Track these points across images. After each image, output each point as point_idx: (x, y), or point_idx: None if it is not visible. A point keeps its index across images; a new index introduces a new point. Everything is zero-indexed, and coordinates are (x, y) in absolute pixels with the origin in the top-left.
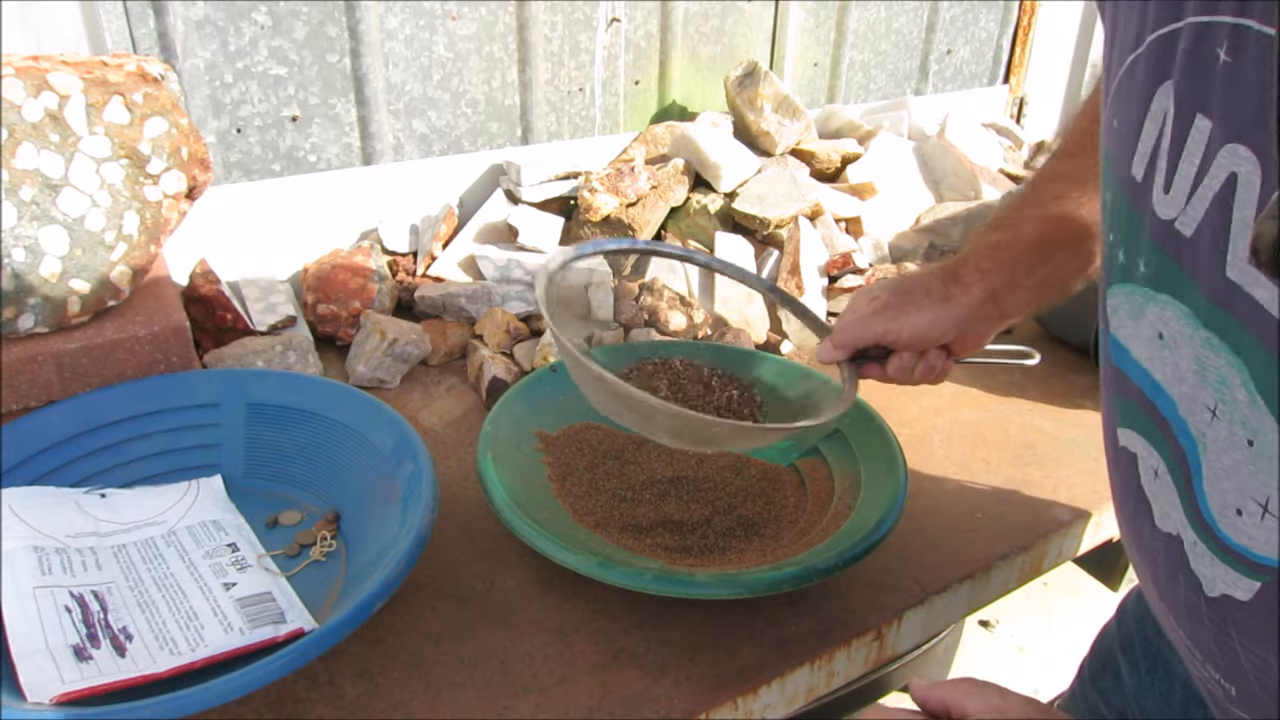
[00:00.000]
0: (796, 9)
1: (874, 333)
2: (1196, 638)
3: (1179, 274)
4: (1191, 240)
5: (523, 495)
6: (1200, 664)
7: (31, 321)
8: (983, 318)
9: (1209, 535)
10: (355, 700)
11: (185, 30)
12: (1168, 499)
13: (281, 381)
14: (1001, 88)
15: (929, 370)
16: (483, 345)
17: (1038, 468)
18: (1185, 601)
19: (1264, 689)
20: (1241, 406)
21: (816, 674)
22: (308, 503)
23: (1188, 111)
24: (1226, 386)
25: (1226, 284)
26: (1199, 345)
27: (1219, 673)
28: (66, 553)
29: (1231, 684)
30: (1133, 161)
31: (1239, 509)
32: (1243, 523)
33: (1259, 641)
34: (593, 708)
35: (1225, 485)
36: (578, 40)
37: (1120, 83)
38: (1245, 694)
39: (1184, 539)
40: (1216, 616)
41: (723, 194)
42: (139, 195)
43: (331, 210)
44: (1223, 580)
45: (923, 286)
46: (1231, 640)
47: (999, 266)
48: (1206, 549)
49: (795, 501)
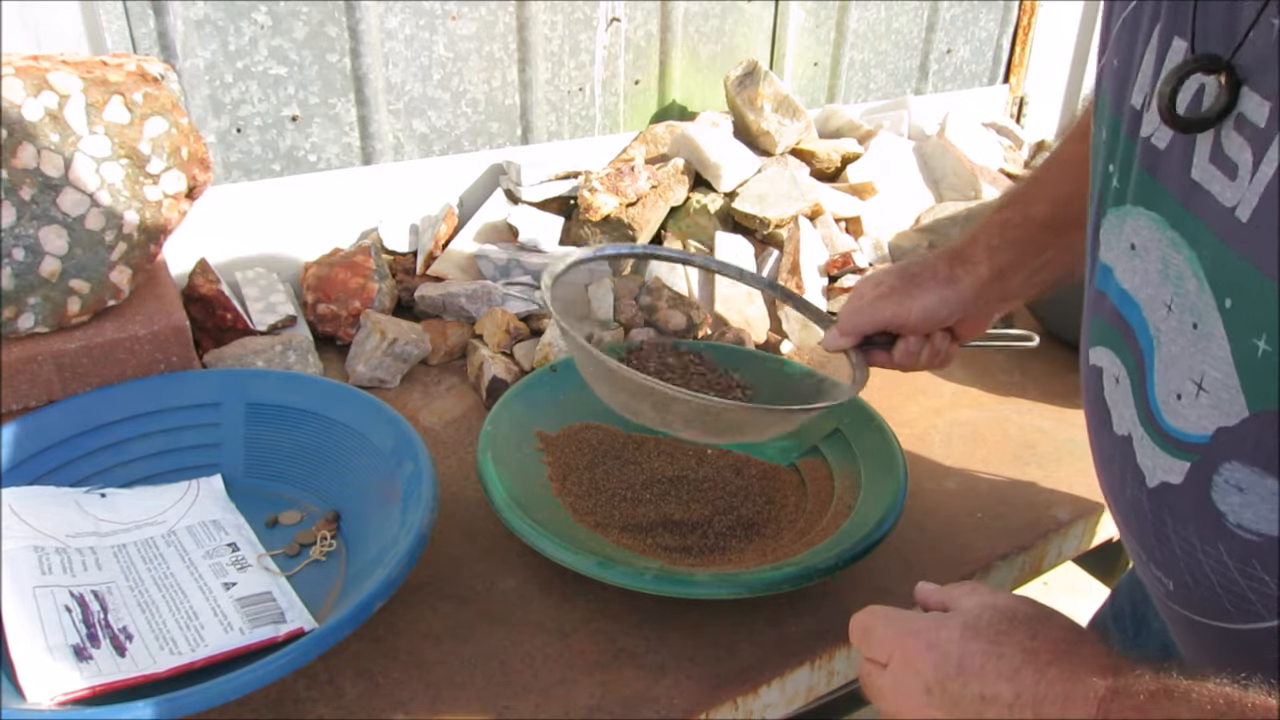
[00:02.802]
0: (796, 9)
1: (882, 317)
2: (1141, 536)
3: (1154, 185)
4: (1165, 152)
5: (523, 495)
6: (1145, 564)
7: (31, 321)
8: (988, 297)
9: (1153, 426)
10: (355, 700)
11: (185, 30)
12: (1124, 402)
13: (281, 381)
14: (1001, 87)
15: (934, 354)
16: (483, 345)
17: (1038, 468)
18: (1132, 500)
19: (1192, 575)
20: (1191, 295)
21: (816, 674)
22: (308, 503)
23: (1168, 36)
24: (1181, 279)
25: (1190, 184)
26: (1165, 246)
27: (1159, 569)
28: (66, 552)
29: (1170, 579)
30: (1133, 91)
31: (1179, 394)
32: (1181, 406)
33: (1187, 523)
34: (593, 708)
35: (1171, 373)
36: (578, 40)
37: (1124, 25)
38: (1180, 587)
39: (1134, 436)
40: (1155, 507)
41: (723, 194)
42: (139, 195)
43: (331, 210)
44: (1161, 469)
45: (928, 270)
46: (1167, 528)
47: (1007, 244)
48: (1150, 440)
49: (795, 501)
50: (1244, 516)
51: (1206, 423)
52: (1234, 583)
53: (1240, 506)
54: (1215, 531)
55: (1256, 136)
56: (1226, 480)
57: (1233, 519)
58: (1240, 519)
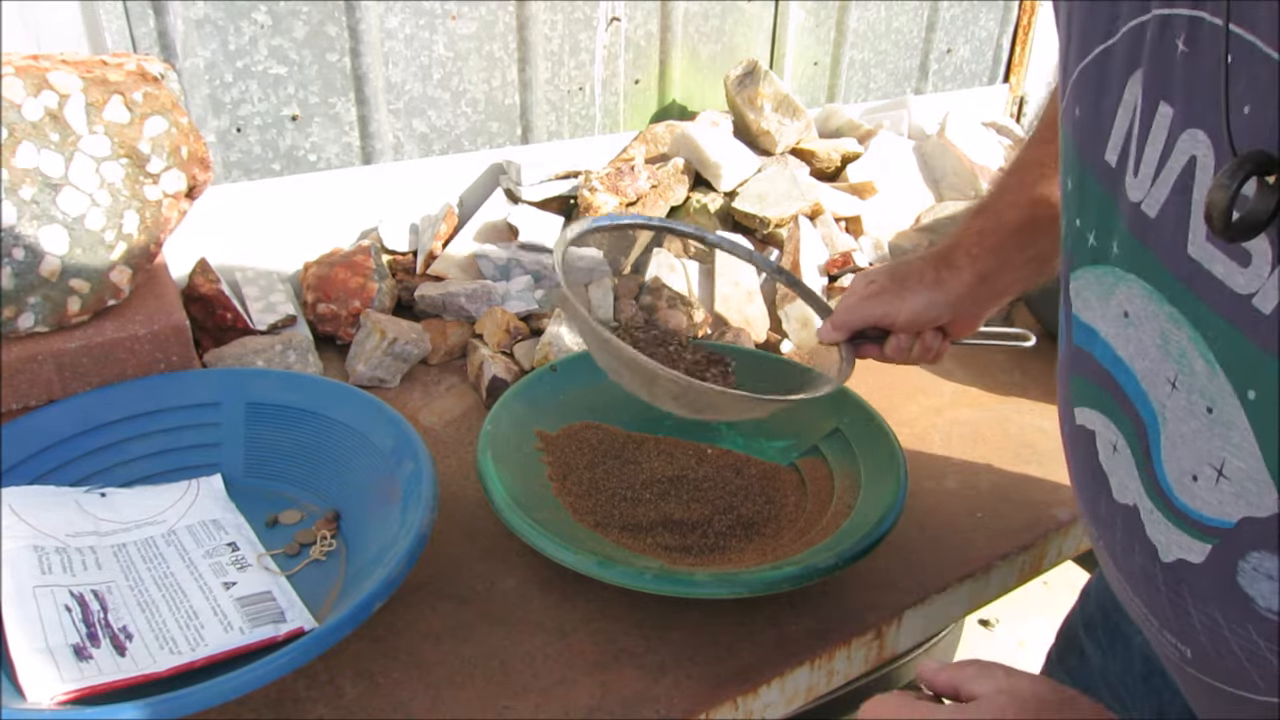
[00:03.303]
0: (796, 8)
1: (872, 315)
2: (1153, 604)
3: (1145, 254)
4: (1156, 221)
5: (523, 495)
6: (1157, 630)
7: (31, 321)
8: (975, 299)
9: (1165, 503)
10: (355, 700)
11: (185, 29)
12: (1126, 471)
13: (281, 381)
14: (1001, 87)
15: (925, 350)
16: (483, 344)
17: (1038, 467)
18: (1142, 569)
19: (1215, 648)
20: (1200, 377)
21: (816, 674)
22: (308, 502)
23: (1153, 99)
24: (1186, 359)
25: (1188, 261)
26: (1163, 320)
27: (1175, 637)
28: (66, 552)
29: (1187, 646)
30: (1106, 148)
31: (1195, 475)
32: (1197, 488)
33: (1209, 601)
34: (593, 707)
35: (1182, 453)
36: (578, 39)
37: (1084, 72)
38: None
39: (1140, 508)
40: (1172, 581)
41: (723, 193)
42: (139, 194)
43: (331, 210)
44: (1177, 545)
45: (916, 272)
46: (1185, 603)
47: (986, 252)
48: (1162, 516)
49: (795, 501)
50: (1275, 602)
51: (1230, 510)
52: (1265, 661)
53: (1270, 594)
54: (1243, 614)
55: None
56: (1255, 568)
57: (1263, 604)
58: (1271, 604)
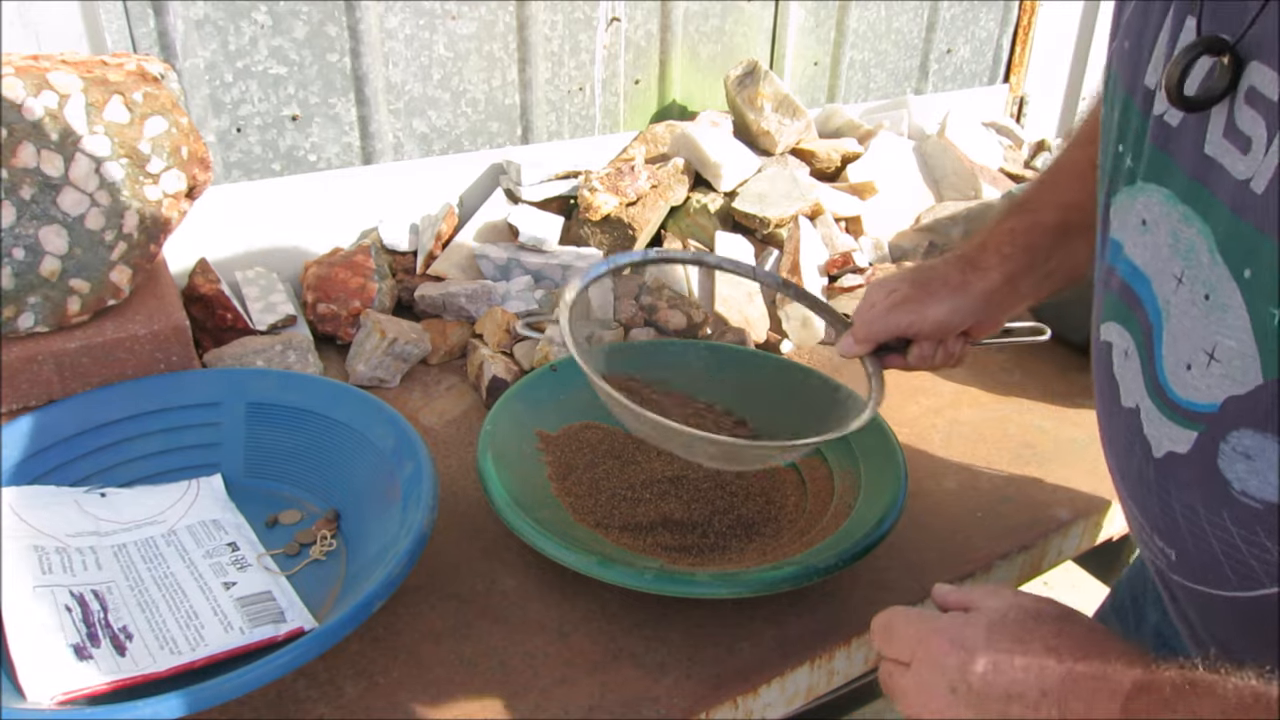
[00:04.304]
0: (796, 8)
1: (898, 325)
2: (1145, 506)
3: (1166, 161)
4: (1178, 129)
5: (523, 494)
6: (1149, 537)
7: (31, 321)
8: (999, 302)
9: (1161, 398)
10: (355, 699)
11: (185, 30)
12: (1132, 376)
13: (281, 381)
14: (1001, 87)
15: (948, 356)
16: (483, 344)
17: (1038, 467)
18: (1138, 470)
19: (1195, 544)
20: (1204, 268)
21: (816, 673)
22: (308, 502)
23: (1181, 16)
24: (1193, 252)
25: (1203, 159)
26: (1175, 220)
27: (1162, 540)
28: (66, 552)
29: (1172, 549)
30: (1147, 71)
31: (1189, 364)
32: (1190, 376)
33: (1192, 491)
34: (592, 707)
35: (1181, 344)
36: (578, 39)
37: (1135, 9)
38: (1182, 555)
39: (1141, 409)
40: (1160, 476)
41: (723, 193)
42: (139, 195)
43: (331, 210)
44: (1168, 438)
45: (940, 276)
46: (1170, 497)
47: (1018, 251)
48: (1158, 412)
49: (795, 501)
50: (1249, 484)
51: (1217, 392)
52: (1237, 549)
53: (1246, 474)
54: (1221, 499)
55: (1271, 110)
56: (1234, 448)
57: (1238, 486)
58: (1246, 486)
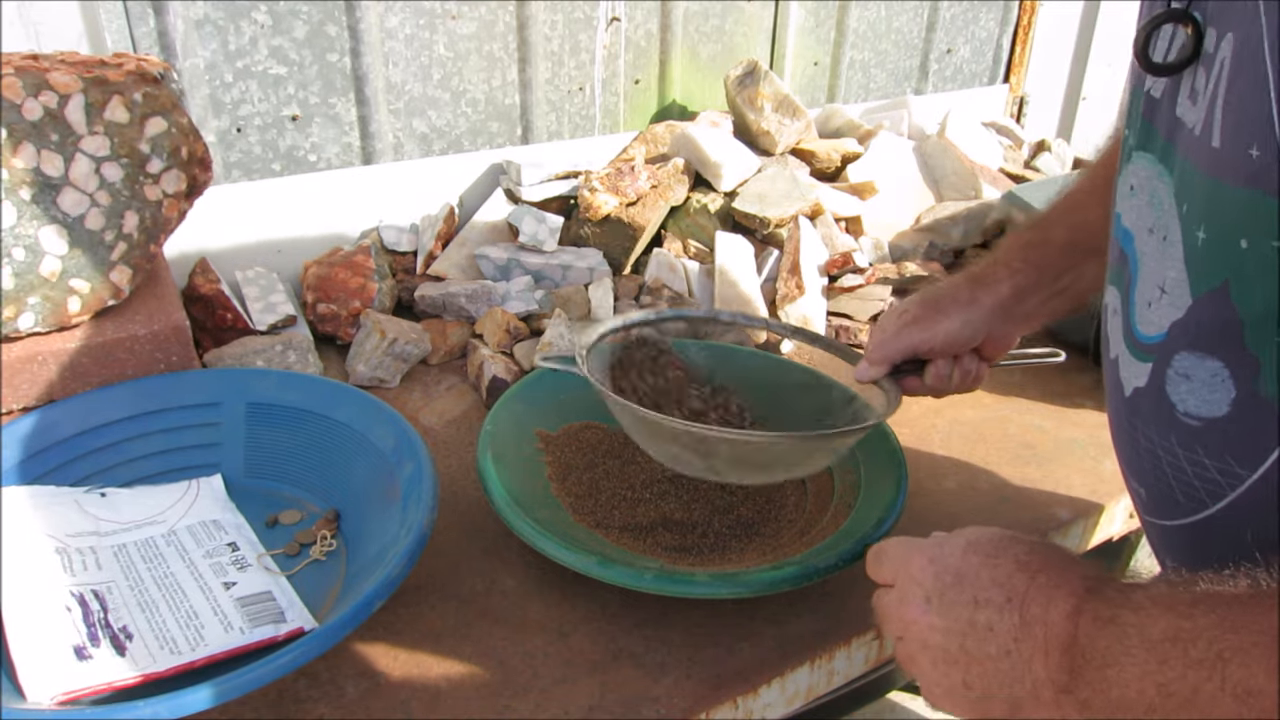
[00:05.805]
0: (796, 8)
1: (909, 344)
2: (1123, 448)
3: (1151, 131)
4: (1160, 100)
5: (523, 494)
6: (1127, 479)
7: (31, 321)
8: (1008, 316)
9: (1131, 340)
10: (356, 699)
11: (185, 30)
12: (1116, 328)
13: (281, 381)
14: (1001, 87)
15: (965, 376)
16: (483, 344)
17: (1038, 467)
18: (1117, 414)
19: (1155, 474)
20: (1165, 213)
21: (816, 674)
22: (308, 502)
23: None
24: (1161, 203)
25: (1175, 121)
26: (1154, 179)
27: (1135, 479)
28: (66, 552)
29: (1143, 486)
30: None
31: (1150, 302)
32: (1150, 313)
33: (1150, 423)
34: (592, 707)
35: (1144, 286)
36: (578, 39)
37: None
38: (1149, 491)
39: (1120, 357)
40: (1129, 414)
41: (723, 193)
42: (139, 195)
43: (331, 210)
44: (1135, 376)
45: (949, 294)
46: (1137, 433)
47: (1028, 265)
48: (1129, 353)
49: (795, 501)
50: (1189, 403)
51: (1164, 320)
52: (1182, 472)
53: (1186, 394)
54: (1169, 423)
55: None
56: (1176, 371)
57: (1181, 408)
58: (1187, 406)
